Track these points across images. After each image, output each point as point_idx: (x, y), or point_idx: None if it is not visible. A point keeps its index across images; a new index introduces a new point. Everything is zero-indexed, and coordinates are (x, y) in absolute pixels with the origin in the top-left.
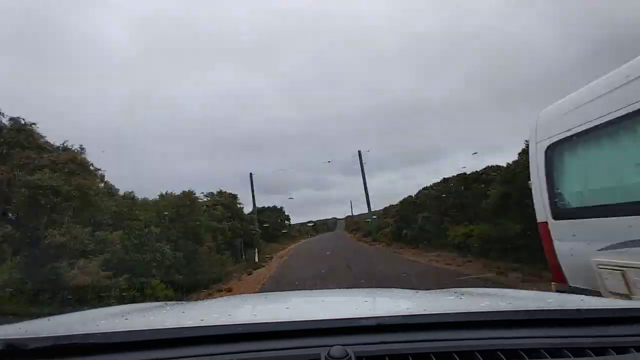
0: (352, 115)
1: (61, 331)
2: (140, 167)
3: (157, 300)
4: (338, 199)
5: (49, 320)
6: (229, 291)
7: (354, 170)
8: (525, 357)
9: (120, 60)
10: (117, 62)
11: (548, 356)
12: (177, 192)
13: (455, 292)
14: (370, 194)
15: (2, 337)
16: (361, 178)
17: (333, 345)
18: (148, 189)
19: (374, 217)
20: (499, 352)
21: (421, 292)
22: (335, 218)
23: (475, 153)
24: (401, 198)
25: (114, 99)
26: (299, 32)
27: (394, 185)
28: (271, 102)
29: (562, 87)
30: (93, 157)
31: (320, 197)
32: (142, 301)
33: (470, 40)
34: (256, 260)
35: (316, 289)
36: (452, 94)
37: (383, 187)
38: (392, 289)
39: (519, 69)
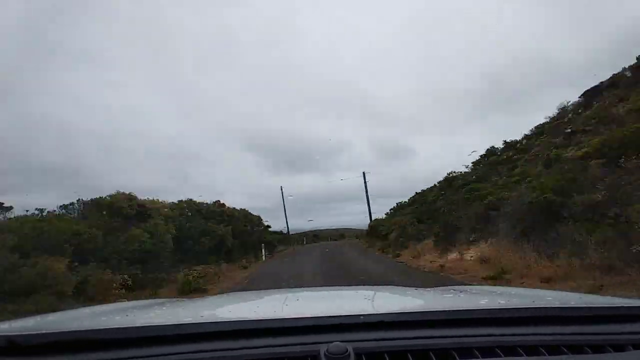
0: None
1: (62, 327)
2: None
3: None
4: None
5: (50, 316)
6: None
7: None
8: (523, 354)
9: None
10: None
11: (546, 353)
12: None
13: (454, 290)
14: None
15: (4, 333)
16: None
17: (332, 342)
18: None
19: None
20: (497, 349)
21: (420, 290)
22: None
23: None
24: None
25: None
26: None
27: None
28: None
29: None
30: None
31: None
32: None
33: None
34: None
35: (316, 286)
36: None
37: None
38: (392, 286)
39: None
